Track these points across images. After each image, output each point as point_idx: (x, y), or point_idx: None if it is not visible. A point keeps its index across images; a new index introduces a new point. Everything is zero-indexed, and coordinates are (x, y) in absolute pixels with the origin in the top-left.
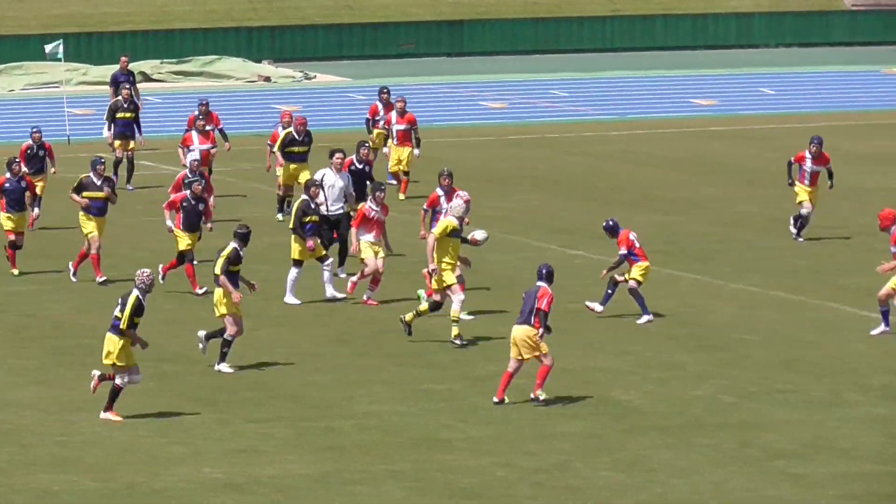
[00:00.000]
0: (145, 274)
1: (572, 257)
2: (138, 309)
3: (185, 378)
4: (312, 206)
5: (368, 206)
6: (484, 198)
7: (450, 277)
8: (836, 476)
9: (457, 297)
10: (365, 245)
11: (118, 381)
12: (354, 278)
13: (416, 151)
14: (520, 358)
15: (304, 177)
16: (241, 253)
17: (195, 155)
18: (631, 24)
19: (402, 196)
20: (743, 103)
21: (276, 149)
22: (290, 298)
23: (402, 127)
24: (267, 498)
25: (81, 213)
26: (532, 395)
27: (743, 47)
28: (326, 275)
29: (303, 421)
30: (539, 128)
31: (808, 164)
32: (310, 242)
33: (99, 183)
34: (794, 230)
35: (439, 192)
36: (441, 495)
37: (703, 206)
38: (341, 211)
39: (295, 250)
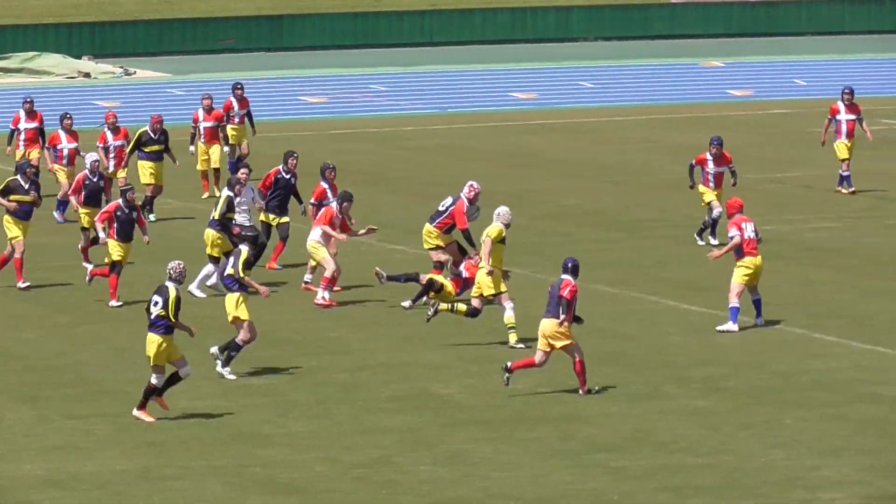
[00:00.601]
0: (179, 266)
1: (392, 252)
2: (179, 301)
3: (3, 375)
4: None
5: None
6: (305, 194)
7: (501, 285)
8: (655, 469)
9: (507, 304)
10: (317, 245)
11: (154, 380)
12: (308, 277)
13: (225, 149)
14: (548, 349)
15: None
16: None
17: (94, 156)
18: (450, 17)
19: (205, 195)
20: (562, 96)
21: (129, 149)
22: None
23: (209, 125)
24: (87, 494)
25: (7, 216)
26: (581, 392)
27: (562, 41)
28: (209, 269)
29: (123, 417)
30: (360, 122)
31: (711, 167)
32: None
33: (27, 187)
34: (699, 239)
35: (324, 184)
36: (261, 491)
37: (524, 199)
38: (248, 224)
39: (213, 246)
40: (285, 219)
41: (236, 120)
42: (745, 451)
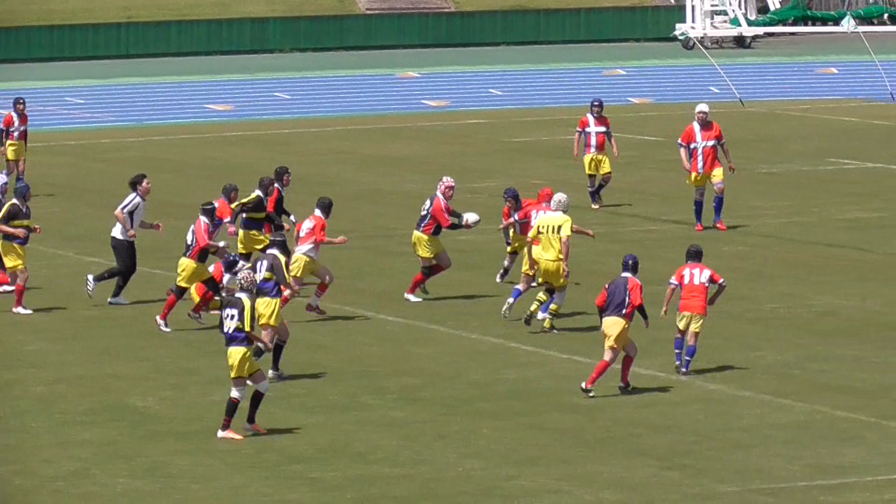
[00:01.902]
0: (249, 276)
1: (90, 264)
2: (254, 312)
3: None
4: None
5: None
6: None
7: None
8: (352, 479)
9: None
10: (306, 259)
11: (236, 393)
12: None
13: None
14: (615, 346)
15: None
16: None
17: (3, 179)
18: (146, 30)
19: None
20: (258, 108)
21: None
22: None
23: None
24: None
25: (5, 243)
26: (622, 385)
27: (258, 52)
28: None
29: None
30: (57, 135)
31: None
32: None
33: (25, 210)
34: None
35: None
36: None
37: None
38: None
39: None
40: None
41: (16, 135)
42: (441, 461)
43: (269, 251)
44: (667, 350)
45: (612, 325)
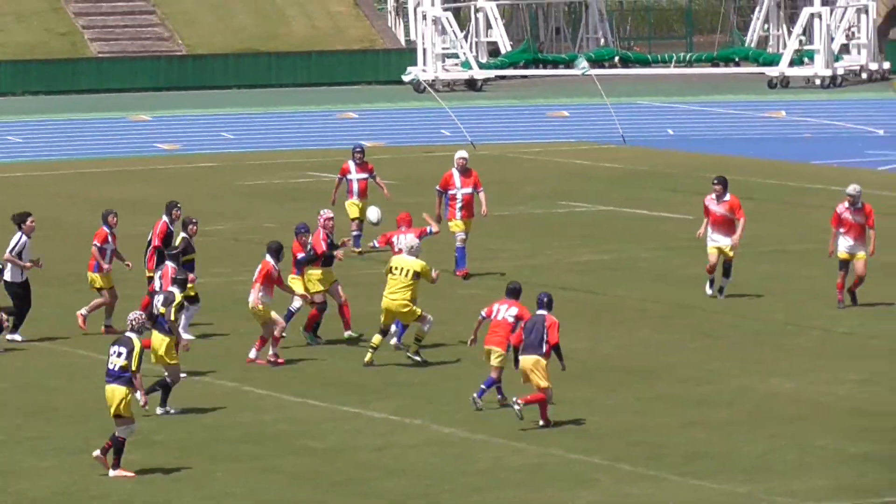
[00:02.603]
0: (140, 318)
1: None
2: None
3: None
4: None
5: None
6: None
7: None
8: None
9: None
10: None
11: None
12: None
13: None
14: (533, 382)
15: None
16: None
17: None
18: None
19: None
20: None
21: None
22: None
23: None
24: None
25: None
26: (516, 401)
27: None
28: None
29: None
30: None
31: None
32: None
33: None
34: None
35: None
36: None
37: None
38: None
39: None
40: None
41: None
42: None
43: (169, 287)
44: (401, 392)
45: (528, 362)
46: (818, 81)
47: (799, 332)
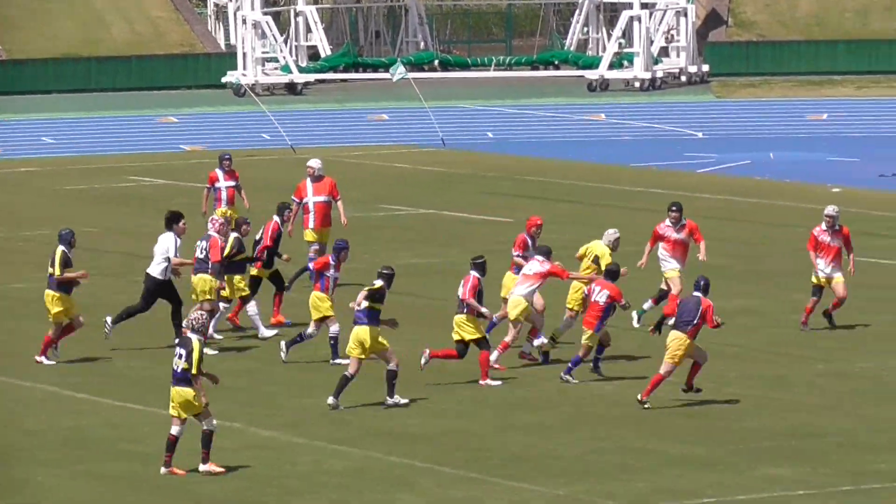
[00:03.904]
0: (201, 317)
1: None
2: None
3: None
4: None
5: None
6: None
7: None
8: None
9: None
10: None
11: (174, 430)
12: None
13: None
14: (675, 361)
15: None
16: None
17: None
18: None
19: None
20: None
21: None
22: None
23: None
24: None
25: (57, 293)
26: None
27: None
28: None
29: None
30: None
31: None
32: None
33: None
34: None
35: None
36: None
37: None
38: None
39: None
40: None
41: None
42: None
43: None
44: (221, 396)
45: (675, 339)
46: (637, 84)
47: (620, 334)
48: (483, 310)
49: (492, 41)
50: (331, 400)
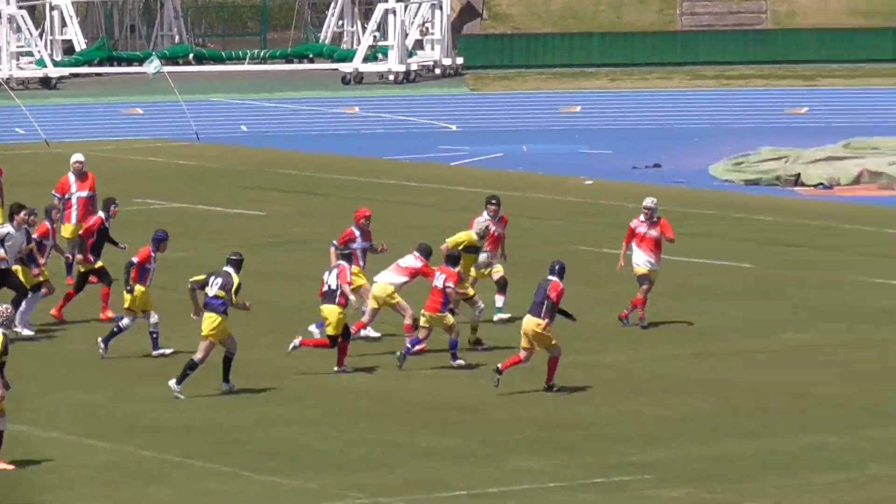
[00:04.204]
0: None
1: None
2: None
3: None
4: None
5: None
6: None
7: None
8: None
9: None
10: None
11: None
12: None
13: None
14: (529, 347)
15: None
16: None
17: None
18: None
19: None
20: None
21: None
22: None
23: None
24: None
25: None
26: (546, 385)
27: None
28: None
29: None
30: None
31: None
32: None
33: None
34: None
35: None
36: None
37: None
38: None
39: None
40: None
41: None
42: None
43: (223, 269)
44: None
45: (529, 323)
46: (392, 77)
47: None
48: (352, 297)
49: (247, 35)
50: (173, 384)
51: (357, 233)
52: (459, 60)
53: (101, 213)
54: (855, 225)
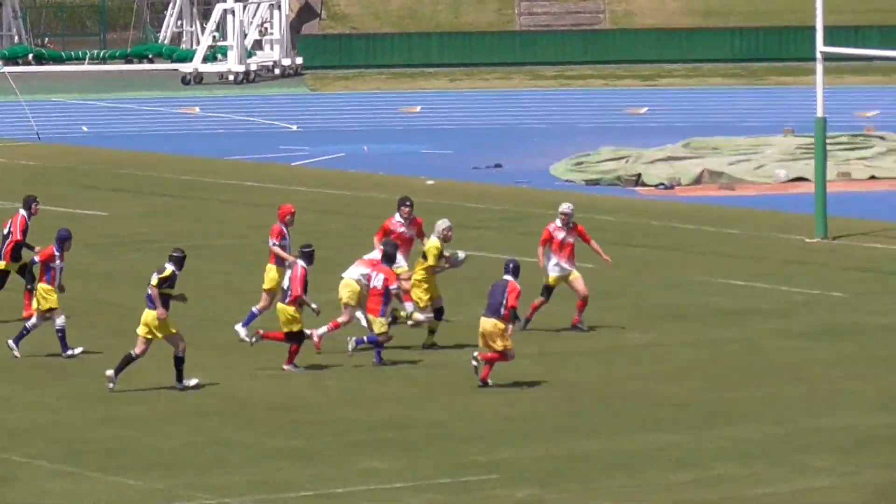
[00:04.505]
0: None
1: None
2: None
3: None
4: None
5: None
6: None
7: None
8: None
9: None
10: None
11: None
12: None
13: None
14: (485, 347)
15: None
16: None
17: None
18: None
19: None
20: None
21: None
22: None
23: None
24: None
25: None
26: (481, 382)
27: None
28: None
29: None
30: None
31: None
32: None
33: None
34: None
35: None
36: None
37: None
38: None
39: None
40: None
41: None
42: None
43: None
44: None
45: (487, 325)
46: (231, 77)
47: (216, 326)
48: (313, 305)
49: (87, 35)
50: (109, 372)
51: (286, 230)
52: (299, 60)
53: (22, 212)
54: (696, 225)
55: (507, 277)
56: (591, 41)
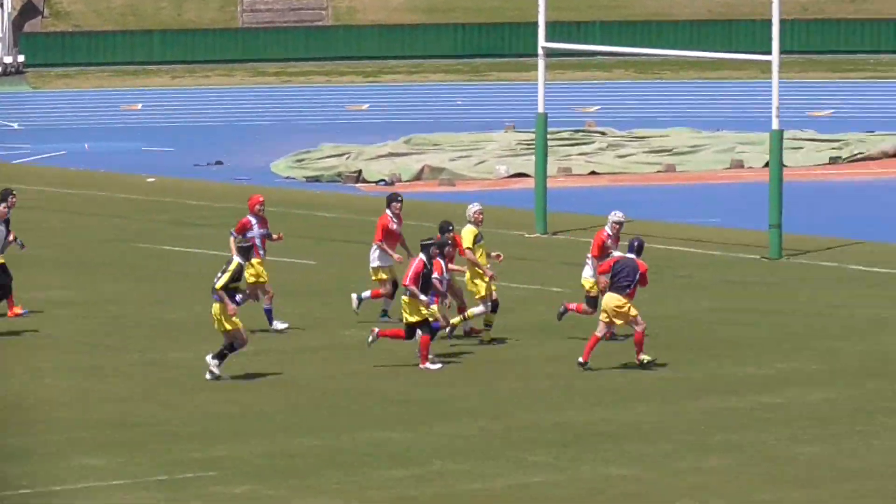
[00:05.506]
0: None
1: None
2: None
3: None
4: None
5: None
6: None
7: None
8: None
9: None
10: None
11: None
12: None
13: None
14: (608, 321)
15: None
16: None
17: None
18: None
19: None
20: None
21: None
22: None
23: None
24: None
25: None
26: (637, 360)
27: None
28: None
29: None
30: None
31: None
32: None
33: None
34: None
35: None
36: None
37: None
38: None
39: None
40: None
41: None
42: None
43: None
44: None
45: (610, 301)
46: None
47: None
48: (422, 297)
49: None
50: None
51: (253, 220)
52: (21, 58)
53: (1, 207)
54: (417, 222)
55: (631, 255)
56: (313, 37)
